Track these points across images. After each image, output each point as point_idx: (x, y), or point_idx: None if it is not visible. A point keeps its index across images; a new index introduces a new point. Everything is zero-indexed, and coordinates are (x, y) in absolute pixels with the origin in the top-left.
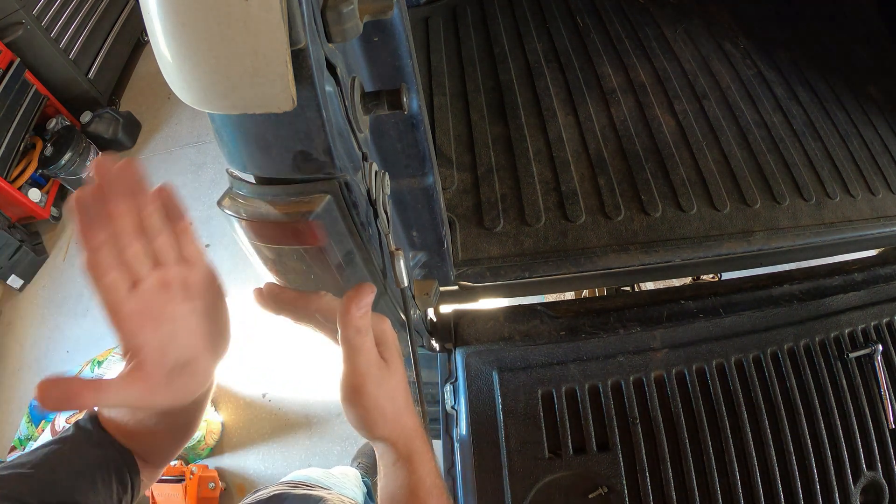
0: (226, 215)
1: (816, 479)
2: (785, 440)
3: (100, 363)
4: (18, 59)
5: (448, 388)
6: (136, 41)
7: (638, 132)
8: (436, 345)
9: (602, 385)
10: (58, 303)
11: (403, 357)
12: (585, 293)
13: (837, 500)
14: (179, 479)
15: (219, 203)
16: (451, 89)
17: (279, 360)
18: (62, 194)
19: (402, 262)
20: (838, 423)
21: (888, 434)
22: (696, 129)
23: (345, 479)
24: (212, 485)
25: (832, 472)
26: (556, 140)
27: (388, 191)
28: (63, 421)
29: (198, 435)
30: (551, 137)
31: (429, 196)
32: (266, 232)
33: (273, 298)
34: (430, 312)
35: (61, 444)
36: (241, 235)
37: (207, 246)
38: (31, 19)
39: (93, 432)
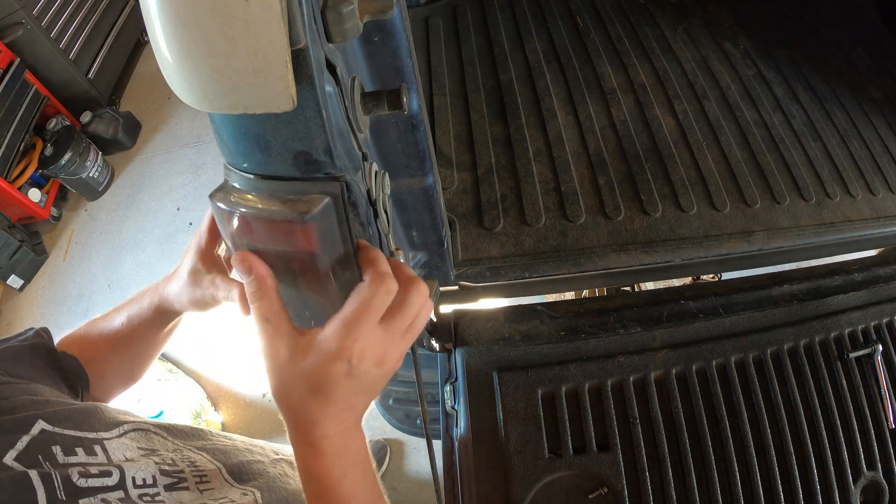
0: (216, 209)
1: (816, 479)
2: (785, 440)
3: None
4: (18, 59)
5: (448, 388)
6: (136, 41)
7: (638, 132)
8: (436, 345)
9: (602, 385)
10: (58, 303)
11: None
12: (585, 293)
13: (837, 500)
14: None
15: (211, 196)
16: (451, 89)
17: None
18: (62, 194)
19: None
20: (838, 423)
21: (888, 434)
22: (696, 129)
23: None
24: None
25: (832, 472)
26: (556, 140)
27: (388, 191)
28: None
29: None
30: (551, 137)
31: (429, 196)
32: (258, 230)
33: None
34: (430, 312)
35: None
36: (231, 234)
37: None
38: (31, 19)
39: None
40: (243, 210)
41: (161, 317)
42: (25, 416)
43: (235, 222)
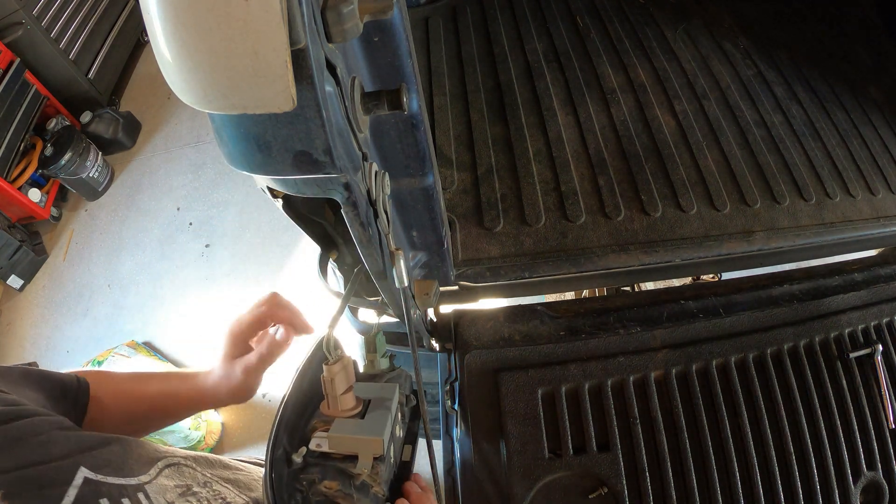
0: None
1: (816, 479)
2: (785, 440)
3: (100, 363)
4: (18, 59)
5: (448, 388)
6: (136, 41)
7: (638, 132)
8: (436, 345)
9: (602, 385)
10: (58, 303)
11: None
12: (585, 293)
13: (837, 500)
14: None
15: None
16: (451, 89)
17: (279, 360)
18: (62, 194)
19: (402, 262)
20: (838, 423)
21: (888, 434)
22: (696, 129)
23: None
24: None
25: (832, 472)
26: (556, 140)
27: (388, 191)
28: None
29: (197, 435)
30: (551, 137)
31: (429, 196)
32: None
33: None
34: (430, 312)
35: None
36: None
37: (207, 246)
38: (31, 19)
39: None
40: None
41: (192, 404)
42: (66, 465)
43: None
